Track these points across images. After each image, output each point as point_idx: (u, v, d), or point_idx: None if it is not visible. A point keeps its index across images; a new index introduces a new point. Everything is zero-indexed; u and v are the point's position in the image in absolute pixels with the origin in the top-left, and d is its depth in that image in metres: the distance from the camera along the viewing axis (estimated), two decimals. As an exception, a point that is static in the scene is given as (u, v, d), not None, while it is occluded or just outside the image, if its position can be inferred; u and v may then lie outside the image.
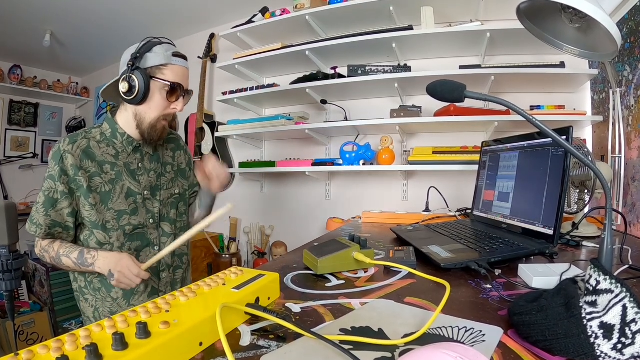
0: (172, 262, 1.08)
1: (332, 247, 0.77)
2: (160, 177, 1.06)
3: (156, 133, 0.99)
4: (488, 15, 1.84)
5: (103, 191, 0.95)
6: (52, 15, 2.49)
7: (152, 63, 0.92)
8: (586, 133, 1.73)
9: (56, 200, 0.92)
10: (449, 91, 0.64)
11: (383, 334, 0.46)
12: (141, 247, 1.01)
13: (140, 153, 1.03)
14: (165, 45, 0.94)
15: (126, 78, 0.92)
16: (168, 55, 0.93)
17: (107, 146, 0.99)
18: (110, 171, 0.97)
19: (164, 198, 1.06)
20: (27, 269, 2.77)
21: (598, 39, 0.83)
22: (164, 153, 1.11)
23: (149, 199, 1.02)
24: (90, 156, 0.95)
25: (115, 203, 0.96)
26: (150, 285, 1.02)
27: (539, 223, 0.83)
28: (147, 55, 0.92)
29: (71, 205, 0.93)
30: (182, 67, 0.96)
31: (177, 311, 0.45)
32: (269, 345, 0.44)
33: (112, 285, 0.97)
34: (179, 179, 1.13)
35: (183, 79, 0.97)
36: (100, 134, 1.00)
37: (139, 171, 1.01)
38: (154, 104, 0.95)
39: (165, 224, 1.06)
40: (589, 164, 0.51)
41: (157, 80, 0.93)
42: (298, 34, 2.20)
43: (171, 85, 0.94)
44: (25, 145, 3.51)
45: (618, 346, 0.36)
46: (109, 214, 0.95)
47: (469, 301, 0.57)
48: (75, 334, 0.37)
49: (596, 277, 0.41)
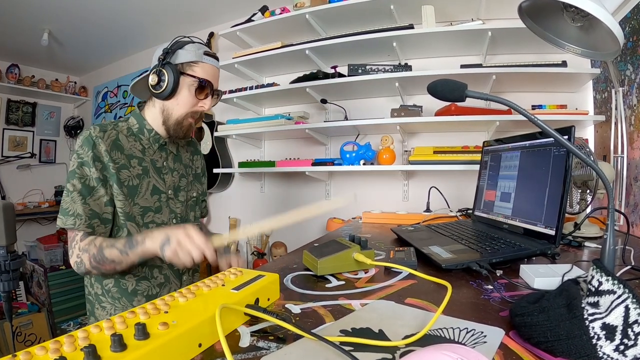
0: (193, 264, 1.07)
1: (332, 247, 0.76)
2: (182, 179, 1.06)
3: (182, 130, 0.98)
4: (489, 13, 1.83)
5: (131, 185, 0.93)
6: (50, 13, 2.49)
7: (183, 59, 0.93)
8: (588, 133, 1.73)
9: (93, 188, 0.87)
10: (450, 90, 0.64)
11: (384, 335, 0.46)
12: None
13: (165, 151, 1.03)
14: (197, 44, 0.96)
15: (156, 71, 0.92)
16: (199, 53, 0.94)
17: (135, 140, 0.97)
18: (137, 166, 0.95)
19: (185, 199, 1.06)
20: (25, 269, 2.77)
21: (600, 38, 0.83)
22: (185, 155, 1.11)
23: (172, 198, 1.01)
24: (119, 148, 0.93)
25: (142, 199, 0.95)
26: (172, 289, 1.00)
27: (540, 223, 0.83)
28: (178, 51, 0.93)
29: (107, 193, 0.88)
30: (213, 66, 0.97)
31: (176, 312, 0.45)
32: (268, 347, 0.44)
33: (133, 295, 0.94)
34: (196, 182, 1.13)
35: (213, 78, 0.97)
36: (127, 128, 0.98)
37: (164, 169, 1.01)
38: (182, 100, 0.95)
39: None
40: (591, 163, 0.51)
41: (186, 76, 0.94)
42: (298, 32, 2.20)
43: (200, 82, 0.94)
44: (23, 145, 3.51)
45: (620, 347, 0.36)
46: (135, 209, 0.93)
47: (470, 302, 0.57)
48: (73, 335, 0.37)
49: (598, 277, 0.41)
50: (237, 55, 2.26)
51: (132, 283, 0.95)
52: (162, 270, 0.99)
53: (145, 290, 0.97)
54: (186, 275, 1.05)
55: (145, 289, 0.97)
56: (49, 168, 3.68)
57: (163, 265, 0.99)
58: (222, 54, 2.65)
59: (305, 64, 2.19)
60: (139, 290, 0.96)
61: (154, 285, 0.98)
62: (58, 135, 3.78)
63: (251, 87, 2.24)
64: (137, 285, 0.96)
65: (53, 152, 3.73)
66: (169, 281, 1.00)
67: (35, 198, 3.49)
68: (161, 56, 0.92)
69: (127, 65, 3.37)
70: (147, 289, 0.97)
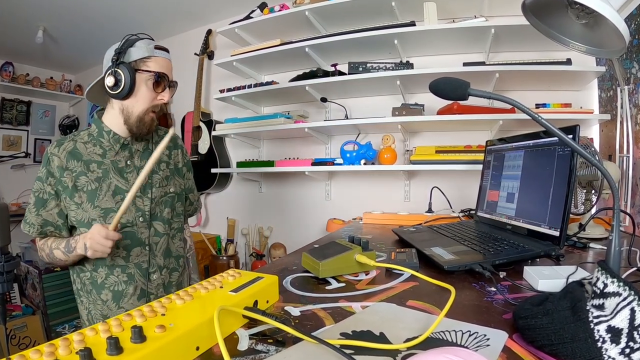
0: (164, 264, 1.07)
1: (333, 249, 0.76)
2: (152, 175, 1.07)
3: (145, 126, 1.01)
4: (492, 10, 1.84)
5: (89, 189, 0.98)
6: (44, 10, 2.49)
7: (135, 56, 0.96)
8: (593, 132, 1.73)
9: (45, 201, 0.98)
10: (452, 89, 0.64)
11: (385, 338, 0.46)
12: (131, 247, 1.01)
13: (129, 150, 1.04)
14: (147, 40, 0.99)
15: (112, 72, 0.95)
16: (150, 48, 0.98)
17: (94, 146, 1.02)
18: (96, 169, 1.00)
19: (156, 196, 1.06)
20: (19, 271, 2.77)
21: (605, 35, 0.83)
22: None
23: (138, 196, 1.03)
24: (75, 156, 0.99)
25: (102, 201, 0.98)
26: (139, 287, 1.02)
27: (544, 224, 0.83)
28: (130, 49, 0.96)
29: (58, 206, 0.99)
30: (165, 58, 1.01)
31: (173, 315, 0.45)
32: (267, 350, 0.44)
33: (101, 288, 1.00)
34: (176, 177, 1.13)
35: (167, 70, 1.01)
36: (88, 134, 1.04)
37: (127, 169, 1.03)
38: (141, 96, 0.98)
39: (157, 223, 1.06)
40: (596, 163, 0.51)
41: (142, 72, 0.96)
42: (297, 30, 2.20)
43: (156, 75, 0.98)
44: (17, 144, 3.50)
45: (626, 350, 0.36)
46: (96, 212, 0.97)
47: (473, 304, 0.57)
48: (68, 338, 0.37)
49: (603, 279, 0.41)
50: (235, 53, 2.27)
51: (101, 276, 1.00)
52: (125, 269, 1.01)
53: (112, 285, 1.00)
54: (157, 274, 1.05)
55: (112, 284, 1.00)
56: (43, 168, 3.68)
57: (127, 265, 1.01)
58: (220, 52, 2.66)
59: (304, 61, 2.19)
60: (106, 284, 1.00)
61: (120, 281, 1.01)
62: (53, 134, 3.78)
63: (250, 86, 2.25)
64: (106, 279, 1.00)
65: (48, 152, 3.73)
66: (134, 279, 1.02)
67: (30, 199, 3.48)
68: (114, 57, 0.95)
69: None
70: (113, 284, 1.00)
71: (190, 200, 1.23)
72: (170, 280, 1.09)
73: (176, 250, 1.12)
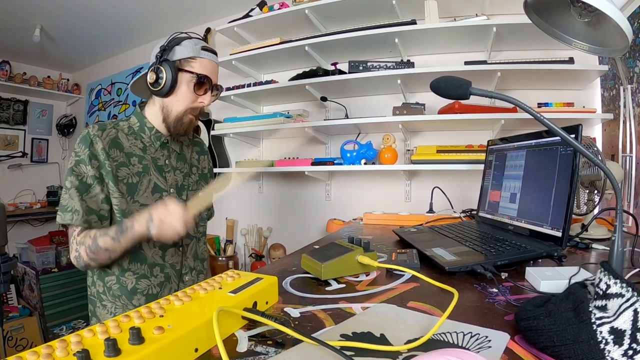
0: (194, 265, 1.08)
1: (334, 250, 0.76)
2: (187, 177, 1.08)
3: (182, 127, 1.01)
4: (494, 9, 1.84)
5: (130, 182, 0.96)
6: (42, 8, 2.49)
7: (180, 55, 0.95)
8: (596, 131, 1.73)
9: (89, 185, 0.91)
10: (454, 88, 0.64)
11: (385, 339, 0.46)
12: (166, 247, 1.00)
13: (167, 150, 1.04)
14: (195, 40, 0.98)
15: (154, 69, 0.94)
16: (197, 49, 0.96)
17: (135, 139, 1.01)
18: (137, 164, 0.98)
19: (189, 198, 1.06)
20: (16, 272, 2.77)
21: (608, 34, 0.83)
22: (191, 155, 1.13)
23: (174, 197, 1.02)
24: (118, 146, 0.96)
25: (142, 197, 0.97)
26: (172, 289, 1.01)
27: (547, 225, 0.83)
28: (175, 48, 0.95)
29: (103, 191, 0.92)
30: (211, 61, 0.99)
31: (172, 316, 0.45)
32: (267, 352, 0.44)
33: (133, 293, 0.96)
34: (202, 182, 1.15)
35: (212, 73, 0.99)
36: (128, 127, 1.01)
37: (166, 168, 1.03)
38: (181, 96, 0.97)
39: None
40: (598, 163, 0.51)
41: (184, 72, 0.95)
42: (297, 28, 2.20)
43: (199, 77, 0.96)
44: (14, 144, 3.50)
45: (629, 352, 0.36)
46: (135, 206, 0.95)
47: (475, 305, 0.57)
48: (66, 340, 0.37)
49: (606, 280, 0.41)
50: (234, 52, 2.26)
51: (131, 281, 0.96)
52: (163, 269, 0.99)
53: (145, 289, 0.97)
54: (189, 276, 1.05)
55: (145, 287, 0.97)
56: (40, 168, 3.68)
57: (165, 264, 0.99)
58: (219, 50, 2.62)
59: (304, 60, 2.19)
60: (139, 288, 0.97)
61: (154, 284, 0.98)
62: (50, 134, 3.78)
63: (249, 85, 2.24)
64: (137, 283, 0.97)
65: (45, 152, 3.73)
66: (170, 280, 1.01)
67: (27, 199, 3.48)
68: (158, 53, 0.95)
69: (122, 62, 3.37)
70: (146, 287, 0.98)
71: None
72: (199, 281, 1.07)
73: (202, 253, 1.13)
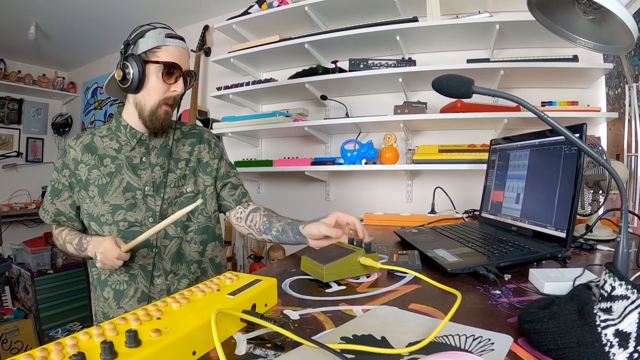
0: (172, 269, 1.02)
1: (335, 252, 0.76)
2: (168, 174, 1.04)
3: (158, 120, 0.99)
4: (497, 6, 1.83)
5: (100, 184, 0.99)
6: (37, 5, 2.49)
7: (144, 47, 0.94)
8: (600, 130, 1.73)
9: (60, 191, 1.02)
10: (456, 86, 0.64)
11: (386, 342, 0.46)
12: (138, 247, 0.97)
13: (146, 146, 1.03)
14: (159, 29, 0.96)
15: (120, 66, 0.95)
16: (161, 38, 0.95)
17: (111, 140, 1.03)
18: (110, 164, 1.00)
19: (170, 196, 1.03)
20: (11, 274, 2.77)
21: (613, 31, 0.83)
22: (179, 148, 1.08)
23: (150, 195, 1.01)
24: (91, 150, 1.01)
25: (111, 197, 0.98)
26: (139, 290, 1.00)
27: (550, 225, 0.83)
28: (139, 41, 0.95)
29: (71, 198, 1.02)
30: (179, 47, 0.98)
31: (169, 318, 0.45)
32: (266, 355, 0.44)
33: (104, 284, 1.01)
34: (199, 174, 1.09)
35: (180, 60, 0.97)
36: (107, 129, 1.05)
37: (142, 165, 1.02)
38: (152, 88, 0.96)
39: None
40: (603, 163, 0.51)
41: (151, 63, 0.95)
42: (297, 26, 2.20)
43: (166, 66, 0.95)
44: (8, 143, 3.50)
45: (634, 355, 0.36)
46: (105, 207, 0.98)
47: (477, 308, 0.57)
48: (61, 343, 0.37)
49: (611, 282, 0.41)
50: (233, 50, 2.26)
51: (105, 273, 1.01)
52: (129, 269, 0.99)
53: (114, 283, 1.00)
54: (161, 279, 1.01)
55: (114, 282, 1.00)
56: (36, 167, 3.67)
57: (132, 265, 0.99)
58: (217, 48, 2.66)
59: (304, 58, 2.19)
60: (109, 281, 1.00)
61: (122, 280, 1.00)
62: (45, 133, 3.77)
63: (248, 83, 2.24)
64: (109, 276, 1.00)
65: (40, 151, 3.73)
66: (135, 281, 1.00)
67: (22, 199, 3.48)
68: (122, 50, 0.95)
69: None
70: (115, 282, 1.00)
71: (234, 184, 1.14)
72: (178, 287, 1.03)
73: (191, 256, 1.05)
